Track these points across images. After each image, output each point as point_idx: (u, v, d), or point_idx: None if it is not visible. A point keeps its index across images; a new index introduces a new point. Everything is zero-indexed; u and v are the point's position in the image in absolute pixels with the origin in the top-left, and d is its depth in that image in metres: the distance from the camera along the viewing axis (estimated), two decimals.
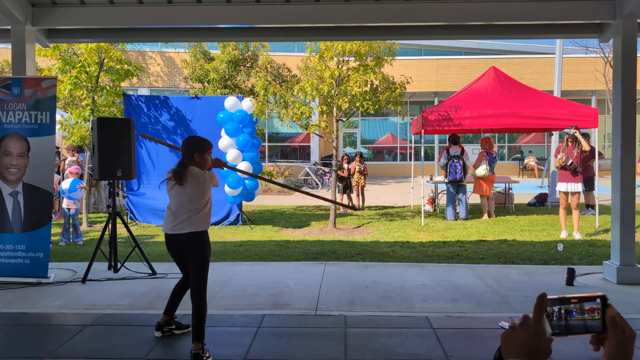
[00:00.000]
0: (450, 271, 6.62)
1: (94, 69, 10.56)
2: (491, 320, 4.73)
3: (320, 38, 8.81)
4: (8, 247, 6.22)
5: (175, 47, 22.44)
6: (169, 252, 4.18)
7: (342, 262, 7.30)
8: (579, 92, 25.36)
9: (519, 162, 26.45)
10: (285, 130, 24.84)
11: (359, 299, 5.45)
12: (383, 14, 6.31)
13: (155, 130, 11.15)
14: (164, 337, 4.35)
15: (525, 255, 7.61)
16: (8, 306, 5.28)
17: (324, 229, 10.22)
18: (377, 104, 10.25)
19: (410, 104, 26.10)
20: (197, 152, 4.08)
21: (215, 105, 11.04)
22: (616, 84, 6.17)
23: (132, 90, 22.37)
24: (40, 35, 6.80)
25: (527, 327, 1.03)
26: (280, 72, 18.16)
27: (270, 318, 4.86)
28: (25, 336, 4.45)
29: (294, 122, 10.43)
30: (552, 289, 5.60)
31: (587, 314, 1.04)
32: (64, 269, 6.83)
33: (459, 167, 11.05)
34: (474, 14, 6.25)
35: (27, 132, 6.30)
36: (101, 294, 5.74)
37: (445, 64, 26.15)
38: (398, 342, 4.23)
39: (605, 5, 6.07)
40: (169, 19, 6.44)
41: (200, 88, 18.28)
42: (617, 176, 6.10)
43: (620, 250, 6.03)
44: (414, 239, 8.97)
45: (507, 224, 10.44)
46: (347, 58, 10.23)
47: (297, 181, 21.32)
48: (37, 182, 6.29)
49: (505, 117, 10.48)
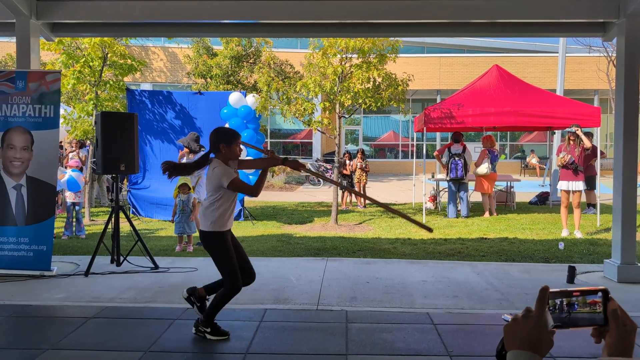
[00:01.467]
0: (451, 268, 6.65)
1: (97, 63, 10.57)
2: (492, 317, 4.76)
3: (324, 34, 8.82)
4: (11, 239, 6.25)
5: (178, 42, 22.43)
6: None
7: (344, 258, 7.33)
8: (581, 91, 25.34)
9: (521, 161, 26.44)
10: (287, 127, 24.85)
11: (360, 294, 5.47)
12: (386, 11, 6.32)
13: (159, 126, 11.18)
14: (172, 327, 4.38)
15: (526, 253, 7.63)
16: (11, 298, 5.31)
17: (326, 225, 10.24)
18: (379, 101, 10.25)
19: (412, 102, 26.10)
20: (222, 143, 4.06)
21: (218, 100, 11.06)
22: (619, 83, 6.17)
23: (134, 85, 22.39)
24: (44, 29, 6.82)
25: (529, 319, 1.05)
26: (283, 68, 18.17)
27: (272, 312, 4.89)
28: (29, 328, 4.48)
29: (297, 118, 10.45)
30: (552, 286, 5.56)
31: (588, 307, 1.06)
32: (66, 262, 6.87)
33: (460, 165, 11.06)
34: (477, 12, 6.25)
35: (31, 126, 6.32)
36: (104, 287, 5.77)
37: (448, 61, 26.13)
38: (399, 338, 4.26)
39: (609, 4, 6.07)
40: (172, 13, 6.45)
41: (203, 84, 18.29)
42: (618, 175, 6.11)
43: (621, 248, 6.05)
44: (415, 236, 8.99)
45: (509, 222, 10.46)
46: (350, 55, 10.23)
47: (299, 177, 21.34)
48: (40, 176, 6.32)
49: (508, 116, 10.49)
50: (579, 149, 8.91)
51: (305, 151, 26.28)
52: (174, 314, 4.83)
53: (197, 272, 6.41)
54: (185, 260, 7.13)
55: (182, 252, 7.82)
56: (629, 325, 1.04)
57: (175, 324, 4.56)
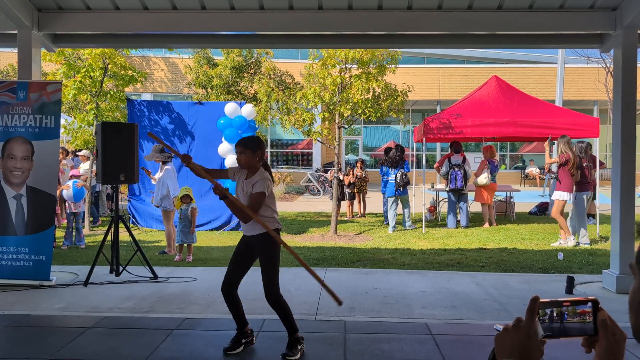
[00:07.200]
0: (450, 278, 6.65)
1: (98, 74, 10.63)
2: (490, 328, 4.75)
3: (323, 45, 8.88)
4: (11, 249, 6.26)
5: (179, 52, 22.53)
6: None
7: (343, 268, 7.33)
8: (581, 101, 25.41)
9: (521, 171, 26.46)
10: (287, 137, 24.88)
11: (358, 304, 5.47)
12: (386, 23, 6.37)
13: (158, 136, 11.21)
14: (170, 337, 4.38)
15: (525, 263, 7.62)
16: (10, 308, 5.31)
17: (325, 236, 10.24)
18: (378, 111, 10.30)
19: (412, 112, 26.16)
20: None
21: (217, 111, 11.09)
22: (616, 94, 6.21)
23: (135, 96, 22.47)
24: (46, 40, 6.87)
25: (519, 329, 1.07)
26: (283, 78, 18.24)
27: (270, 322, 4.88)
28: (28, 338, 4.48)
29: (296, 128, 10.48)
30: (551, 297, 5.58)
31: (578, 317, 1.08)
32: (66, 272, 6.87)
33: (459, 175, 11.08)
34: (475, 24, 6.30)
35: (31, 136, 6.35)
36: (103, 297, 5.77)
37: (447, 72, 26.23)
38: (397, 348, 4.26)
39: (606, 16, 6.13)
40: (173, 25, 6.51)
41: (204, 94, 18.35)
42: (616, 186, 6.13)
43: (619, 259, 6.05)
44: (414, 246, 8.99)
45: (508, 233, 10.46)
46: (350, 65, 10.29)
47: (299, 187, 21.36)
48: (40, 186, 6.34)
49: (507, 126, 10.52)
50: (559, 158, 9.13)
51: (305, 161, 26.31)
52: (172, 324, 4.83)
53: (196, 282, 6.42)
54: (185, 270, 7.13)
55: (181, 262, 7.83)
56: (618, 335, 1.06)
57: (173, 334, 4.56)
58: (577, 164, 8.88)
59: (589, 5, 6.12)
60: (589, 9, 6.15)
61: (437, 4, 6.17)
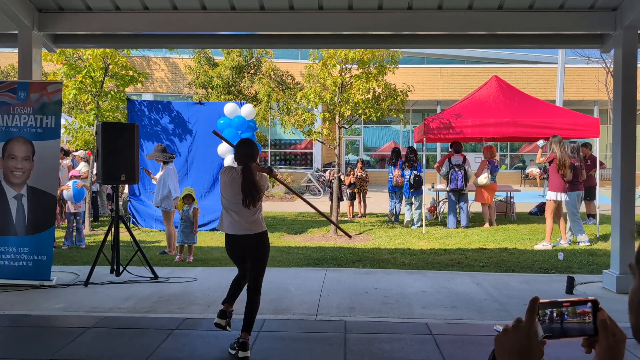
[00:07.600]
0: (451, 278, 6.65)
1: (98, 74, 10.63)
2: (490, 328, 4.76)
3: (324, 46, 8.88)
4: (12, 249, 6.26)
5: (180, 53, 22.54)
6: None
7: (343, 268, 7.33)
8: (581, 101, 25.39)
9: (521, 171, 26.46)
10: (287, 137, 24.87)
11: (359, 304, 5.47)
12: (386, 23, 6.37)
13: (158, 136, 11.20)
14: (170, 337, 4.38)
15: (525, 263, 7.63)
16: (11, 308, 5.32)
17: (326, 236, 10.25)
18: (379, 111, 10.30)
19: (412, 112, 26.17)
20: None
21: (217, 111, 11.08)
22: (616, 94, 6.21)
23: (136, 96, 22.47)
24: (46, 40, 6.88)
25: (519, 329, 1.07)
26: (284, 79, 18.23)
27: (270, 322, 4.89)
28: (28, 338, 4.49)
29: (297, 128, 10.48)
30: (551, 297, 5.59)
31: (578, 317, 1.08)
32: (66, 272, 6.87)
33: (460, 175, 11.08)
34: (475, 24, 6.31)
35: (32, 136, 6.36)
36: (103, 297, 5.77)
37: (448, 72, 26.21)
38: (397, 348, 4.26)
39: (606, 16, 6.13)
40: (174, 25, 6.51)
41: (204, 94, 18.34)
42: (616, 186, 6.13)
43: (619, 259, 6.05)
44: (414, 246, 9.00)
45: (508, 233, 10.46)
46: (350, 66, 10.29)
47: (300, 188, 21.35)
48: (41, 186, 6.34)
49: (507, 126, 10.52)
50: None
51: (305, 161, 26.30)
52: (172, 324, 4.83)
53: (196, 282, 6.42)
54: (185, 270, 7.14)
55: (181, 262, 7.83)
56: (618, 335, 1.06)
57: (173, 334, 4.56)
58: (566, 164, 8.83)
59: (589, 6, 6.12)
60: (589, 9, 6.15)
61: (437, 4, 6.17)
